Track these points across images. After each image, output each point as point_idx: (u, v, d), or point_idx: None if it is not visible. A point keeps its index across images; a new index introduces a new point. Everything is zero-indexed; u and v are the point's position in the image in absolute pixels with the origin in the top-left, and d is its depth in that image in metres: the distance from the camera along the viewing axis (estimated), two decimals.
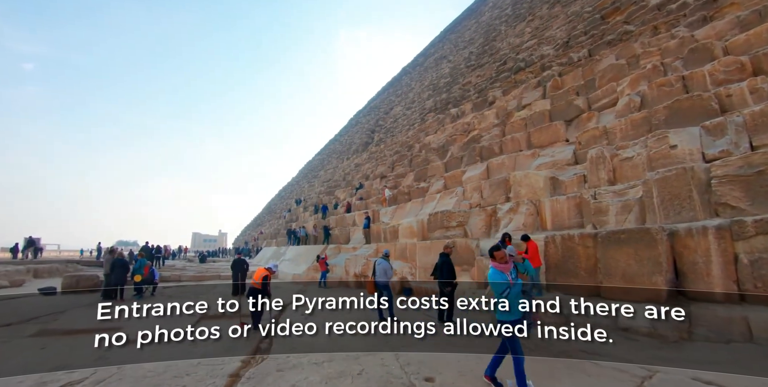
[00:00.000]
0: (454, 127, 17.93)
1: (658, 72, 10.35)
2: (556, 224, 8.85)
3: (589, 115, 11.14)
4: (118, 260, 9.33)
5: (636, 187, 7.67)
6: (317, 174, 46.89)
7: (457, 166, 13.70)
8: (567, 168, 9.84)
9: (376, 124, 41.56)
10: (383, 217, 15.46)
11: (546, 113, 12.33)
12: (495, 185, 10.45)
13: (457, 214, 10.35)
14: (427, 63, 47.00)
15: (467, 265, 8.54)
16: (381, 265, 7.02)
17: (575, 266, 6.84)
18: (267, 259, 22.93)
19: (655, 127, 8.84)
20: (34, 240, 22.09)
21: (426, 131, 21.57)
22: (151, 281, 9.85)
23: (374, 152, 30.11)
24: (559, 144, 11.23)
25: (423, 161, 16.94)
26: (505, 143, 12.38)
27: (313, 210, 27.62)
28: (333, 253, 15.10)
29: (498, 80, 19.61)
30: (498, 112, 15.40)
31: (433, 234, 10.71)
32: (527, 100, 14.17)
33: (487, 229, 10.07)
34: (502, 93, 17.04)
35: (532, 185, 9.60)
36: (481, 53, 28.70)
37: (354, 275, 11.92)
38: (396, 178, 18.57)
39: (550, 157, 10.71)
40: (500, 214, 9.57)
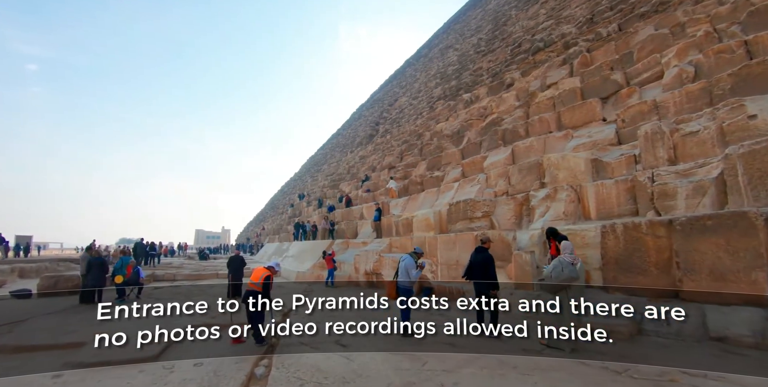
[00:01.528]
0: (469, 112, 16.64)
1: (711, 39, 9.05)
2: (602, 212, 7.60)
3: (630, 90, 9.84)
4: (94, 259, 8.14)
5: (707, 166, 6.39)
6: (320, 168, 45.72)
7: (476, 152, 12.44)
8: (610, 148, 8.57)
9: (380, 116, 40.30)
10: (394, 209, 14.23)
11: (577, 91, 11.04)
12: (526, 170, 9.18)
13: (482, 204, 9.10)
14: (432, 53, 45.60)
15: (502, 261, 7.29)
16: (404, 263, 5.79)
17: (643, 261, 5.59)
18: (269, 256, 21.76)
19: (718, 98, 7.56)
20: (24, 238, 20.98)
21: (436, 119, 20.29)
22: (135, 282, 8.65)
23: (380, 143, 28.87)
24: (595, 123, 9.95)
25: (436, 149, 15.68)
26: (532, 125, 11.11)
27: (317, 204, 26.45)
28: (341, 248, 13.88)
29: (514, 63, 18.29)
30: (518, 94, 14.11)
31: (455, 226, 9.47)
32: (552, 79, 12.87)
33: (517, 219, 8.83)
34: (520, 74, 15.72)
35: (572, 169, 8.33)
36: (491, 39, 27.33)
37: (365, 273, 10.70)
38: (406, 168, 17.32)
39: (587, 137, 9.44)
40: (534, 201, 8.31)
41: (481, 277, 5.43)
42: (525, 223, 8.51)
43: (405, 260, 5.81)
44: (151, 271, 14.15)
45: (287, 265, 15.35)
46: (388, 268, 9.87)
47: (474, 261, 5.66)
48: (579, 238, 6.73)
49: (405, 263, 5.77)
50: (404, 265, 5.75)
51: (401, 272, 5.72)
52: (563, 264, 4.77)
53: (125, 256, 8.86)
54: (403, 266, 5.76)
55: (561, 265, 4.76)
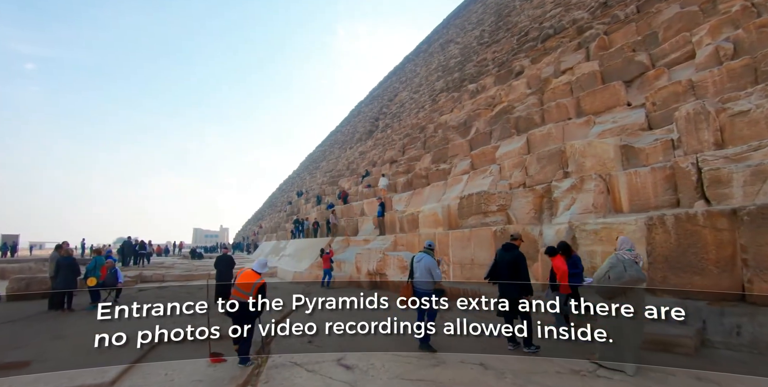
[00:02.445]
0: (475, 102, 15.77)
1: (750, 14, 8.20)
2: (635, 203, 6.75)
3: (657, 71, 8.97)
4: (63, 259, 7.23)
5: (764, 148, 5.54)
6: (319, 165, 44.85)
7: (486, 142, 11.57)
8: (641, 134, 7.70)
9: (379, 111, 39.44)
10: (397, 204, 13.35)
11: (597, 75, 10.18)
12: (545, 159, 8.31)
13: (498, 196, 8.24)
14: (432, 48, 44.72)
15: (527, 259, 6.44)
16: (423, 262, 4.90)
17: (700, 259, 4.73)
18: (266, 255, 20.88)
19: (765, 75, 6.72)
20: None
21: (440, 111, 19.42)
22: (113, 284, 7.77)
23: (380, 138, 28.00)
24: (619, 108, 9.08)
25: (441, 141, 14.80)
26: (548, 111, 10.24)
27: (315, 201, 25.59)
28: (341, 246, 13.01)
29: (522, 51, 17.41)
30: (529, 82, 13.23)
31: (467, 221, 8.61)
32: (567, 64, 11.99)
33: (536, 213, 7.96)
34: (530, 62, 14.85)
35: (599, 156, 7.47)
36: (495, 30, 26.46)
37: (367, 273, 9.83)
38: (409, 161, 16.43)
39: (612, 123, 8.57)
40: (557, 193, 7.44)
41: (509, 279, 4.57)
42: (546, 218, 7.65)
43: (423, 259, 4.92)
44: (138, 271, 13.28)
45: (284, 264, 14.48)
46: (393, 268, 9.02)
47: (501, 260, 4.80)
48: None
49: (425, 262, 4.88)
50: (424, 264, 4.86)
51: (420, 273, 4.82)
52: (625, 263, 3.89)
53: (99, 256, 7.96)
54: (423, 266, 4.86)
55: (622, 264, 3.89)
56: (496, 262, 4.83)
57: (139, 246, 16.35)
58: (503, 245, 4.93)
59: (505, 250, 4.85)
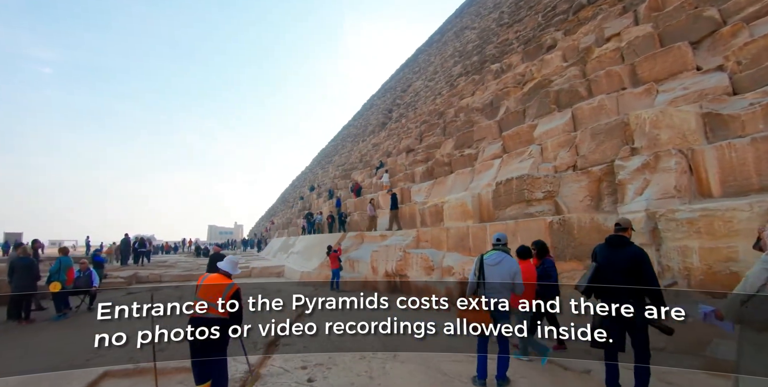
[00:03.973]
0: (501, 82, 14.21)
1: None
2: (729, 184, 5.24)
3: (734, 27, 7.37)
4: (19, 260, 5.99)
5: None
6: (331, 159, 43.65)
7: (519, 122, 10.06)
8: (727, 99, 6.14)
9: (393, 103, 38.03)
10: (416, 195, 11.95)
11: (654, 37, 8.59)
12: (603, 134, 6.79)
13: (544, 181, 6.77)
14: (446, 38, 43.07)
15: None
16: (505, 266, 3.47)
17: None
18: (275, 252, 19.70)
19: None
20: None
21: (460, 95, 17.89)
22: (87, 288, 6.54)
23: (394, 129, 26.57)
24: (687, 73, 7.49)
25: (464, 124, 13.29)
26: (596, 82, 8.69)
27: (327, 195, 24.35)
28: (354, 242, 11.65)
29: (550, 26, 15.74)
30: (565, 54, 11.65)
31: (504, 212, 7.16)
32: (612, 31, 10.37)
33: (593, 200, 6.48)
34: (563, 34, 13.24)
35: (677, 127, 5.93)
36: (515, 11, 24.70)
37: (385, 274, 8.47)
38: (427, 149, 14.98)
39: (682, 89, 7.02)
40: (623, 174, 5.93)
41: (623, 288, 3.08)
42: (608, 205, 6.15)
43: (504, 261, 3.48)
44: (133, 271, 12.13)
45: (292, 263, 13.20)
46: (417, 269, 7.63)
47: (608, 261, 3.25)
48: (720, 222, 4.39)
49: (507, 266, 3.45)
50: (507, 269, 3.43)
51: (495, 283, 3.37)
52: None
53: (64, 256, 6.69)
54: (504, 271, 3.43)
55: None
56: (598, 264, 3.31)
57: (138, 243, 15.24)
58: (608, 240, 3.34)
59: (612, 247, 3.28)
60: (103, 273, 9.88)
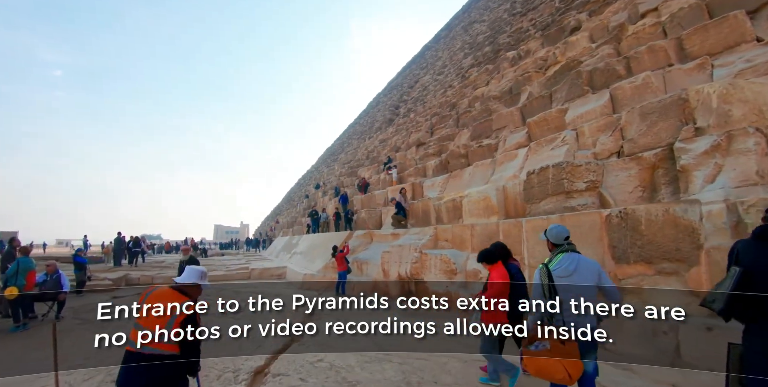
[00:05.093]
0: (520, 68, 13.19)
1: None
2: None
3: None
4: None
5: None
6: (337, 157, 42.80)
7: (545, 107, 9.05)
8: None
9: (400, 99, 37.12)
10: (429, 190, 10.99)
11: (701, 8, 7.54)
12: (656, 114, 5.77)
13: (585, 169, 5.77)
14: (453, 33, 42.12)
15: (675, 261, 3.99)
16: (587, 269, 2.50)
17: None
18: (278, 252, 18.81)
19: None
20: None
21: (473, 86, 16.88)
22: (53, 295, 5.64)
23: (402, 124, 25.61)
24: (746, 45, 6.45)
25: (481, 114, 12.29)
26: (636, 59, 7.65)
27: (333, 193, 23.46)
28: (362, 242, 10.68)
29: (571, 9, 14.70)
30: (592, 34, 10.61)
31: (539, 206, 6.16)
32: (647, 6, 9.32)
33: (646, 190, 5.47)
34: (588, 15, 12.20)
35: (752, 102, 4.91)
36: None
37: (398, 277, 7.49)
38: (440, 141, 13.99)
39: (744, 62, 5.99)
40: (686, 159, 4.91)
41: None
42: (667, 196, 5.14)
43: (581, 263, 2.53)
44: (124, 272, 11.28)
45: (294, 264, 12.28)
46: (435, 272, 6.66)
47: (760, 263, 2.13)
48: None
49: (590, 269, 2.48)
50: (584, 277, 2.44)
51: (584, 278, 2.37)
52: None
53: (25, 257, 5.77)
54: (588, 274, 2.44)
55: None
56: (745, 269, 2.22)
57: (132, 243, 14.42)
58: (756, 233, 2.17)
59: (764, 243, 2.17)
60: (87, 275, 9.03)
